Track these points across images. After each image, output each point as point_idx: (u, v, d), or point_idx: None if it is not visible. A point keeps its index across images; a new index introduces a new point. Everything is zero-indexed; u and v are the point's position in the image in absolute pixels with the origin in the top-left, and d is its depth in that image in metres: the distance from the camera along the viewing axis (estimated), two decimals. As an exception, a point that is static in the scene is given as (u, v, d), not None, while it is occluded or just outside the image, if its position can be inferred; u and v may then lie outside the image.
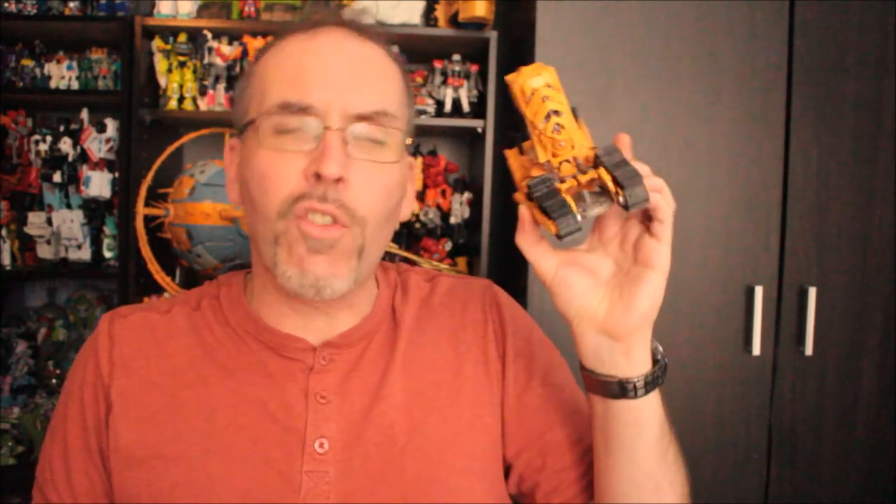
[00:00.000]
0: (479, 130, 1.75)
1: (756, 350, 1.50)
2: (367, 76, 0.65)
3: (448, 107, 1.82)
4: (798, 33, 1.50)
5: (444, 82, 1.83)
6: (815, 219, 1.52)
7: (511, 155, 0.64)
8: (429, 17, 1.83)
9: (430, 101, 1.84)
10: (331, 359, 0.70)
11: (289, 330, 0.70)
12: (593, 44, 1.48)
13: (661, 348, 0.65)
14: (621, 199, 0.56)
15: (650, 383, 0.62)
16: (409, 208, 0.74)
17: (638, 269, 0.61)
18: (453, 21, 1.77)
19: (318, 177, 0.61)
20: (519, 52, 1.66)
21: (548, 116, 0.57)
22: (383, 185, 0.65)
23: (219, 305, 0.73)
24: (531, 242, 0.62)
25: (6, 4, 1.83)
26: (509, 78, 0.60)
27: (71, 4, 1.86)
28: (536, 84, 0.58)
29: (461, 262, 1.90)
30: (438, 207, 1.92)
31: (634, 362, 0.62)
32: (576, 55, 1.47)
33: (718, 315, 1.51)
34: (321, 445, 0.66)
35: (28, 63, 1.92)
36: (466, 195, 1.92)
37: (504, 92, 1.87)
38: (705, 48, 1.50)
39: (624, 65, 1.49)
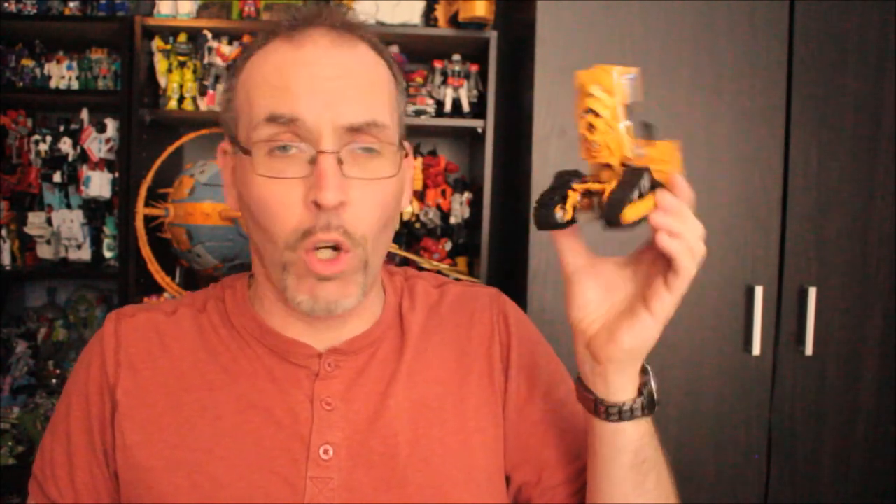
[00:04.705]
0: (479, 130, 1.75)
1: (756, 350, 1.50)
2: (355, 86, 0.63)
3: (448, 107, 1.81)
4: (798, 33, 1.50)
5: (444, 82, 1.82)
6: (815, 219, 1.52)
7: None
8: (429, 17, 1.83)
9: (430, 101, 1.83)
10: (336, 365, 0.69)
11: (294, 334, 0.70)
12: (593, 44, 1.47)
13: (654, 385, 0.64)
14: (601, 213, 0.55)
15: (625, 412, 0.62)
16: (406, 205, 0.73)
17: (639, 305, 0.60)
18: (453, 21, 1.77)
19: (317, 205, 0.60)
20: (519, 52, 1.66)
21: (585, 114, 0.55)
22: (381, 201, 0.64)
23: (224, 308, 0.73)
24: (567, 233, 0.62)
25: (6, 4, 1.83)
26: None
27: (71, 4, 1.86)
28: (587, 81, 0.57)
29: (461, 262, 1.90)
30: (438, 207, 1.91)
31: (610, 389, 0.62)
32: (576, 55, 1.46)
33: (718, 315, 1.51)
34: (326, 452, 0.66)
35: (28, 63, 1.92)
36: (466, 195, 1.92)
37: (504, 92, 1.88)
38: (705, 48, 1.50)
39: (624, 65, 1.48)
